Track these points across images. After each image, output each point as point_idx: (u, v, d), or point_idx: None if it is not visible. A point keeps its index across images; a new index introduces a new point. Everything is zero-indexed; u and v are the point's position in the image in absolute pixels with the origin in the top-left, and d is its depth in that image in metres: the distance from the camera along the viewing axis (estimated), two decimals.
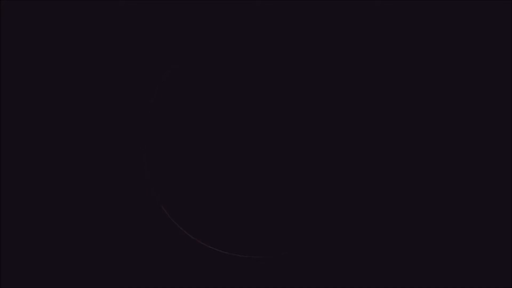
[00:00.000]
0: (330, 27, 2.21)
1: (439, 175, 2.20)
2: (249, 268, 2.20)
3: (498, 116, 2.20)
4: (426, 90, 2.21)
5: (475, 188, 2.19)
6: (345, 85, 2.24)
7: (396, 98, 2.21)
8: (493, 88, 2.21)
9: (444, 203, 2.20)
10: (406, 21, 2.20)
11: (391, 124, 2.22)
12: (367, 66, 2.22)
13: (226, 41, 2.24)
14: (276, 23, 2.23)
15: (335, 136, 2.24)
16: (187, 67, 2.24)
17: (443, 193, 2.20)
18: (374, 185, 2.22)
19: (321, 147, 2.24)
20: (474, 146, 2.20)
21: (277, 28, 2.23)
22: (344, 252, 2.20)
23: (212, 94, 2.24)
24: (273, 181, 2.23)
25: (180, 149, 2.24)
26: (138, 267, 2.19)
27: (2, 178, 2.18)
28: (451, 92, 2.21)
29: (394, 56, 2.21)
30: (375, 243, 2.20)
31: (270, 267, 2.21)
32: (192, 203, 2.24)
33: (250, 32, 2.23)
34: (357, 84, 2.23)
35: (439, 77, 2.21)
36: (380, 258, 2.19)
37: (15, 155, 2.19)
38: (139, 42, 2.21)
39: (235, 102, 2.24)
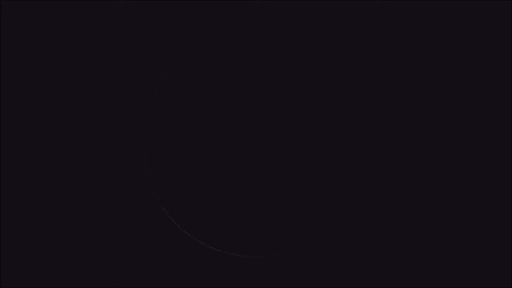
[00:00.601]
0: (330, 27, 2.21)
1: (439, 175, 2.20)
2: (249, 268, 2.20)
3: (498, 116, 2.20)
4: (426, 90, 2.21)
5: (475, 188, 2.19)
6: (345, 85, 2.24)
7: (396, 98, 2.22)
8: (493, 88, 2.21)
9: (444, 203, 2.20)
10: (406, 21, 2.20)
11: (391, 124, 2.22)
12: (367, 66, 2.22)
13: (226, 41, 2.24)
14: (276, 23, 2.23)
15: (335, 136, 2.24)
16: (187, 67, 2.24)
17: (443, 193, 2.20)
18: (374, 185, 2.22)
19: (321, 147, 2.24)
20: (474, 146, 2.20)
21: (277, 28, 2.23)
22: (344, 252, 2.20)
23: (212, 94, 2.25)
24: (273, 181, 2.23)
25: (180, 149, 2.24)
26: (138, 267, 2.20)
27: (2, 178, 2.18)
28: (451, 92, 2.21)
29: (394, 56, 2.21)
30: (375, 243, 2.20)
31: (270, 267, 2.21)
32: (192, 203, 2.24)
33: (250, 32, 2.24)
34: (357, 84, 2.23)
35: (439, 77, 2.21)
36: (380, 258, 2.20)
37: (15, 155, 2.19)
38: (139, 42, 2.21)
39: (235, 102, 2.24)
